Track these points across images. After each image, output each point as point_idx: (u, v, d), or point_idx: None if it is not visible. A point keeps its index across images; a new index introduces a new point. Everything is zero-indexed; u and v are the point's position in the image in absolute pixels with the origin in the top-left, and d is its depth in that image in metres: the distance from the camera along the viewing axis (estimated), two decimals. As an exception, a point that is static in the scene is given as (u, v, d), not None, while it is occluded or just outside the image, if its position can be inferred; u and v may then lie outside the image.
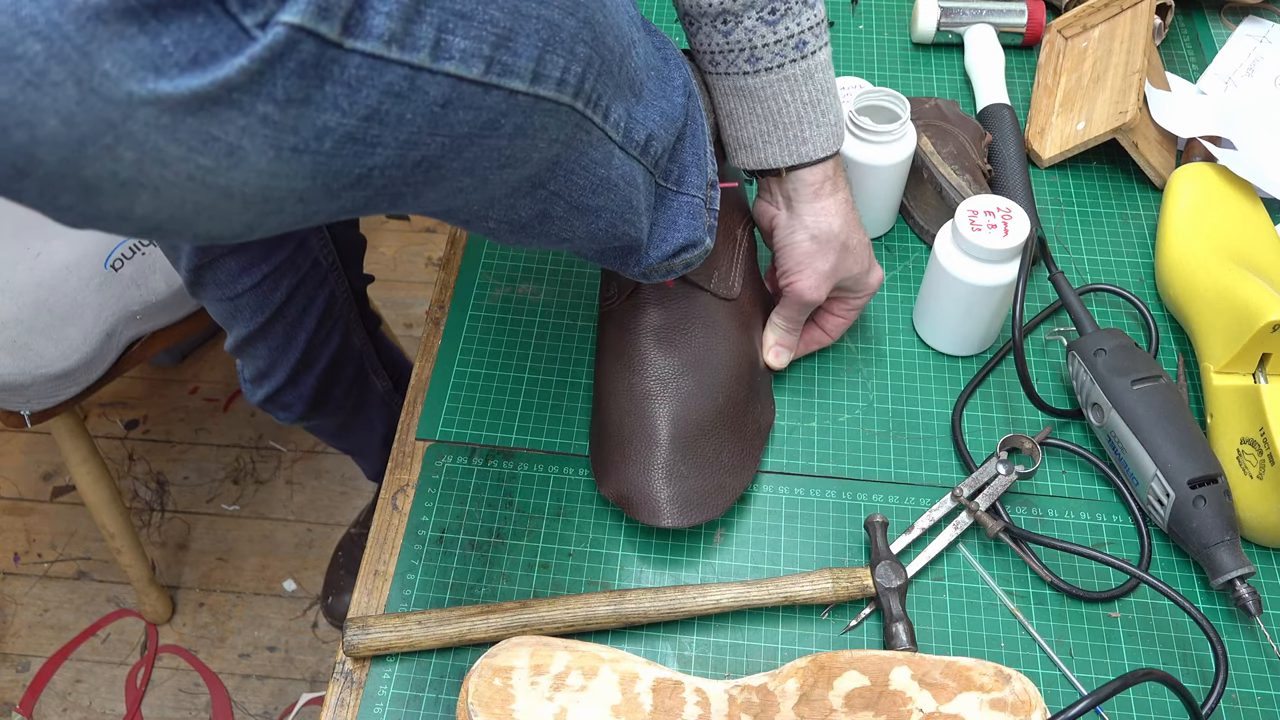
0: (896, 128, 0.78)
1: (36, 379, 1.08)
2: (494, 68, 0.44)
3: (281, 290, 0.90)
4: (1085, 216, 0.88)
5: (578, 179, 0.54)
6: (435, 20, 0.42)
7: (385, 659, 0.65)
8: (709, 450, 0.68)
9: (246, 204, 0.42)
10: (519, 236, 0.57)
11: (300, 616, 1.52)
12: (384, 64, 0.41)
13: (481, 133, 0.46)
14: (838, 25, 1.02)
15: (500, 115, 0.46)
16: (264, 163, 0.40)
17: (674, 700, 0.58)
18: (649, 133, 0.57)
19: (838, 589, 0.65)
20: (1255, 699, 0.64)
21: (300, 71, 0.39)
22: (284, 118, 0.39)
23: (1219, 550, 0.65)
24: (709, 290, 0.71)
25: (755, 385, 0.73)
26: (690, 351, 0.69)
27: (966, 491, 0.70)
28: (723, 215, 0.73)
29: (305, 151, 0.41)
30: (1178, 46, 1.00)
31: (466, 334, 0.80)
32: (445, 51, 0.42)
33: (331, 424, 1.13)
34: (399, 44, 0.41)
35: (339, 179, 0.43)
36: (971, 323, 0.76)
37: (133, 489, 1.64)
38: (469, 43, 0.43)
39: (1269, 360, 0.69)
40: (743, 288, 0.73)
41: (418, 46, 0.41)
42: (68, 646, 1.50)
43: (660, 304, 0.70)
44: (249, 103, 0.38)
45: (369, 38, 0.40)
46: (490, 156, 0.48)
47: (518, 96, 0.46)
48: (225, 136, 0.39)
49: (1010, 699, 0.56)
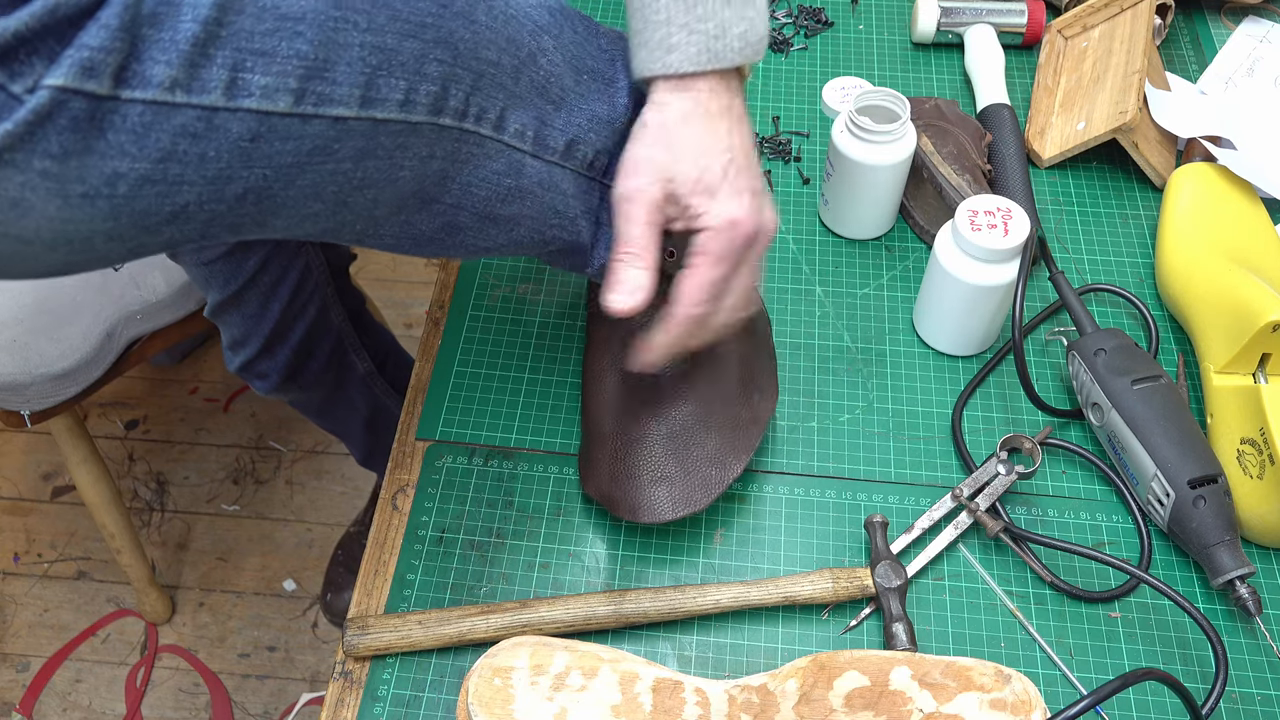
0: (896, 128, 0.78)
1: (36, 379, 1.08)
2: (307, 99, 0.46)
3: (254, 259, 0.91)
4: (1085, 216, 0.88)
5: (479, 191, 0.55)
6: (228, 61, 0.43)
7: (385, 659, 0.65)
8: (695, 443, 0.67)
9: (50, 247, 0.45)
10: (428, 249, 0.58)
11: (300, 616, 1.52)
12: (171, 109, 0.43)
13: (312, 160, 0.48)
14: (837, 25, 1.02)
15: (331, 142, 0.47)
16: (52, 210, 0.43)
17: (674, 700, 0.58)
18: (571, 137, 0.57)
19: (838, 589, 0.65)
20: (1255, 699, 0.64)
21: (73, 127, 0.41)
22: (65, 170, 0.42)
23: (1219, 550, 0.65)
24: None
25: (750, 375, 0.71)
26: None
27: (966, 491, 0.70)
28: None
29: (98, 197, 0.44)
30: (1178, 46, 1.00)
31: (466, 334, 0.80)
32: (243, 90, 0.44)
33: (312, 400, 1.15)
34: (184, 89, 0.43)
35: (149, 217, 0.46)
36: (971, 323, 0.76)
37: (133, 489, 1.64)
38: (271, 79, 0.44)
39: (1269, 360, 0.69)
40: None
41: (207, 89, 0.43)
42: (68, 646, 1.50)
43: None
44: (24, 160, 0.41)
45: (148, 87, 0.42)
46: (336, 181, 0.49)
47: (348, 123, 0.47)
48: (7, 192, 0.42)
49: (1010, 699, 0.56)
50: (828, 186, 0.84)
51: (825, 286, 0.83)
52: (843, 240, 0.86)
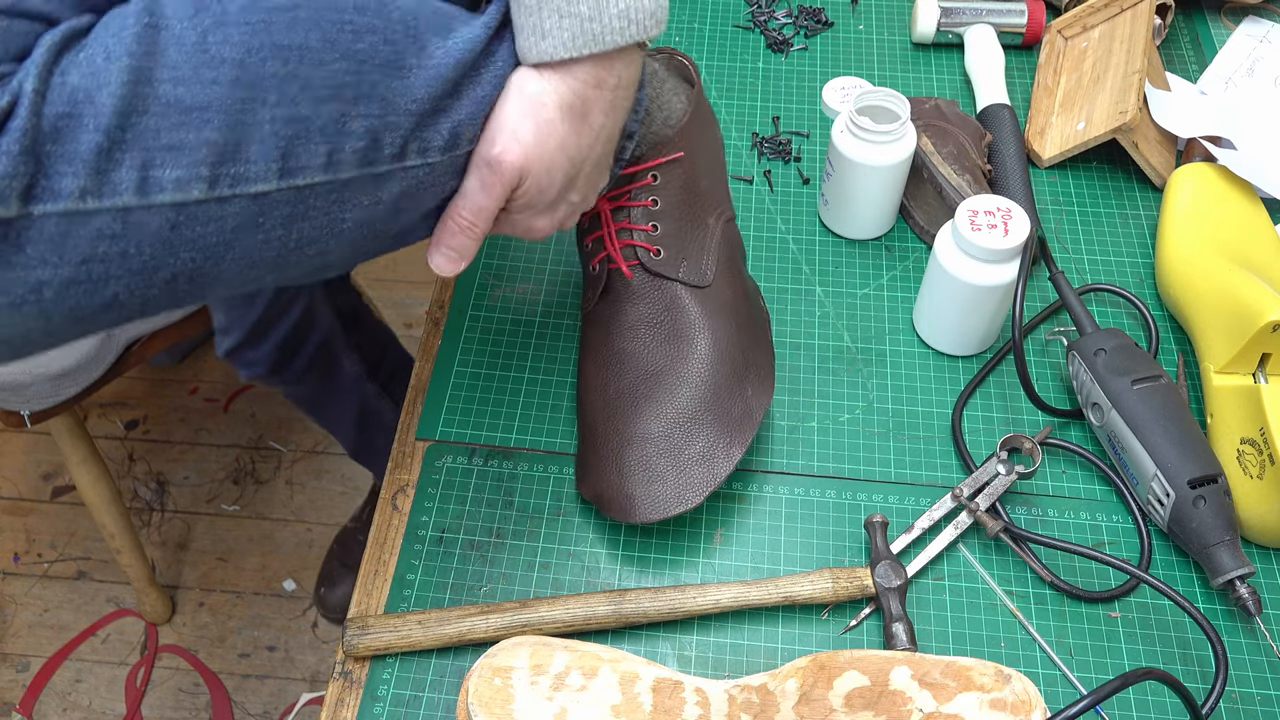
0: (896, 128, 0.78)
1: (36, 379, 1.08)
2: (222, 183, 0.46)
3: None
4: (1085, 216, 0.88)
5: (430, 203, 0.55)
6: (136, 161, 0.44)
7: (385, 659, 0.65)
8: (686, 442, 0.67)
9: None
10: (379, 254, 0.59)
11: (300, 616, 1.52)
12: (85, 215, 0.44)
13: (239, 236, 0.48)
14: (837, 25, 1.02)
15: (255, 216, 0.48)
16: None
17: (674, 700, 0.58)
18: (455, 126, 0.54)
19: (838, 589, 0.65)
20: (1255, 699, 0.64)
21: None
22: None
23: (1219, 550, 0.65)
24: (679, 280, 0.69)
25: (742, 369, 0.70)
26: (665, 345, 0.69)
27: (966, 491, 0.70)
28: (690, 203, 0.70)
29: (24, 304, 0.45)
30: (1178, 46, 1.00)
31: (466, 334, 0.80)
32: (155, 186, 0.45)
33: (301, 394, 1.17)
34: (94, 195, 0.44)
35: (80, 310, 0.47)
36: (971, 323, 0.76)
37: (133, 489, 1.64)
38: (182, 171, 0.45)
39: (1269, 360, 0.69)
40: (717, 275, 0.71)
41: (119, 191, 0.44)
42: (68, 646, 1.50)
43: (632, 300, 0.70)
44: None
45: (58, 199, 0.43)
46: (271, 248, 0.50)
47: (270, 195, 0.48)
48: None
49: (1010, 699, 0.56)
50: (828, 186, 0.84)
51: (825, 286, 0.83)
52: (843, 240, 0.86)
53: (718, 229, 0.72)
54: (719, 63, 0.99)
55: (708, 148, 0.73)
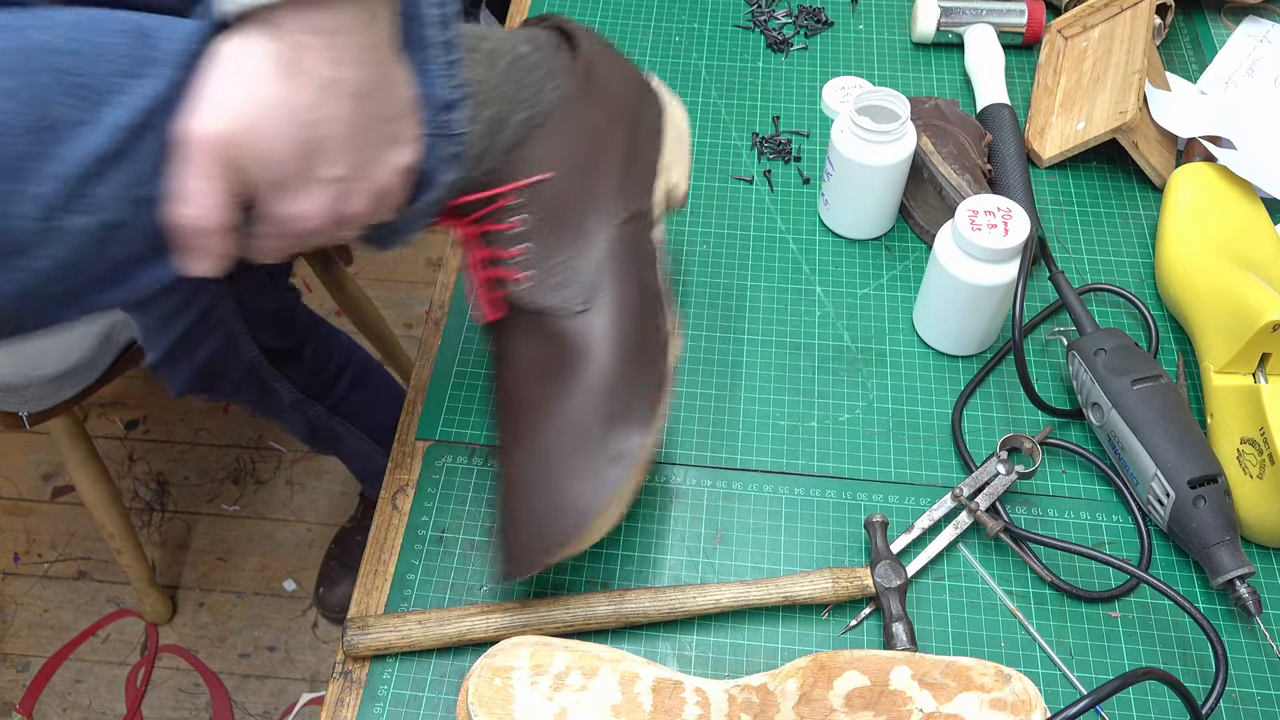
0: (896, 128, 0.78)
1: (34, 380, 1.08)
2: None
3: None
4: (1085, 216, 0.88)
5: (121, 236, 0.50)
6: None
7: (385, 659, 0.65)
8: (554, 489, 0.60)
9: None
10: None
11: (300, 616, 1.52)
12: None
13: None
14: (837, 25, 1.02)
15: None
16: None
17: (674, 700, 0.58)
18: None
19: (838, 589, 0.65)
20: (1255, 699, 0.64)
21: None
22: None
23: (1219, 550, 0.65)
24: (545, 310, 0.61)
25: (622, 408, 0.60)
26: (536, 383, 0.61)
27: (966, 491, 0.70)
28: (566, 215, 0.61)
29: None
30: (1178, 46, 1.00)
31: (466, 334, 0.80)
32: None
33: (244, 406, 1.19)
34: None
35: None
36: (971, 323, 0.76)
37: (133, 489, 1.64)
38: None
39: (1269, 360, 0.69)
40: (602, 293, 0.61)
41: None
42: (68, 646, 1.50)
43: (505, 332, 0.63)
44: None
45: None
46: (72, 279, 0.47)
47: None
48: None
49: (1010, 699, 0.56)
50: (828, 186, 0.84)
51: (825, 286, 0.83)
52: (843, 240, 0.86)
53: (607, 236, 0.62)
54: (719, 63, 0.99)
55: (606, 126, 0.63)
